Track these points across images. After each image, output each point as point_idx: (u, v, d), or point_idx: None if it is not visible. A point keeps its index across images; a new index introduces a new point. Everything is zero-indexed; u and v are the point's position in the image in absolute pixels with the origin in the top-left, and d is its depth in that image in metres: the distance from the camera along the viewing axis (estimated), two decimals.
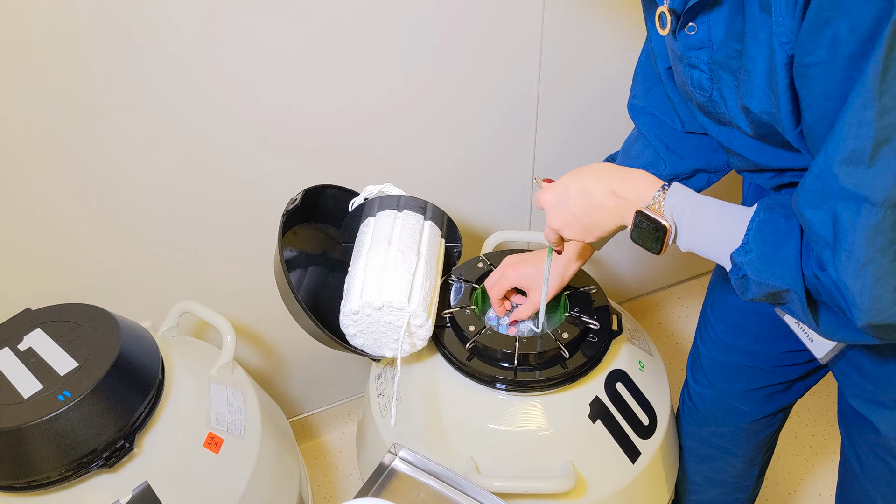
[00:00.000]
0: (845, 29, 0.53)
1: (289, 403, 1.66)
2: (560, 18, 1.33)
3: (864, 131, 0.54)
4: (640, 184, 0.77)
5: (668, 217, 0.74)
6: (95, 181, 1.13)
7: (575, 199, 0.82)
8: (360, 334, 1.01)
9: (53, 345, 1.02)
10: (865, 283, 0.59)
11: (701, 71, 0.74)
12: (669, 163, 1.00)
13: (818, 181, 0.60)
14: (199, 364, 1.16)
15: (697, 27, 0.71)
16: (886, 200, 0.55)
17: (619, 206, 0.79)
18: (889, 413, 0.87)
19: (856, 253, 0.58)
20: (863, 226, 0.57)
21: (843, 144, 0.56)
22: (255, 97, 1.16)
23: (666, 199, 0.75)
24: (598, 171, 0.81)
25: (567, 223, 0.84)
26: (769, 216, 0.68)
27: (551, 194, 0.84)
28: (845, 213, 0.58)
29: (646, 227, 0.76)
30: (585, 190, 0.81)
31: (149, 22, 1.02)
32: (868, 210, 0.56)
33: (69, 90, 1.03)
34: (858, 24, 0.52)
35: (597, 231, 0.83)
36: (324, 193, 1.16)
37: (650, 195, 0.76)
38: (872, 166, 0.55)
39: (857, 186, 0.56)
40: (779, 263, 0.67)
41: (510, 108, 1.41)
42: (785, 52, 0.61)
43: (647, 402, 1.10)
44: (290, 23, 1.11)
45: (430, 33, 1.23)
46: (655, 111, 1.01)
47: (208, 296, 1.35)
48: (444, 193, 1.46)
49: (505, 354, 1.00)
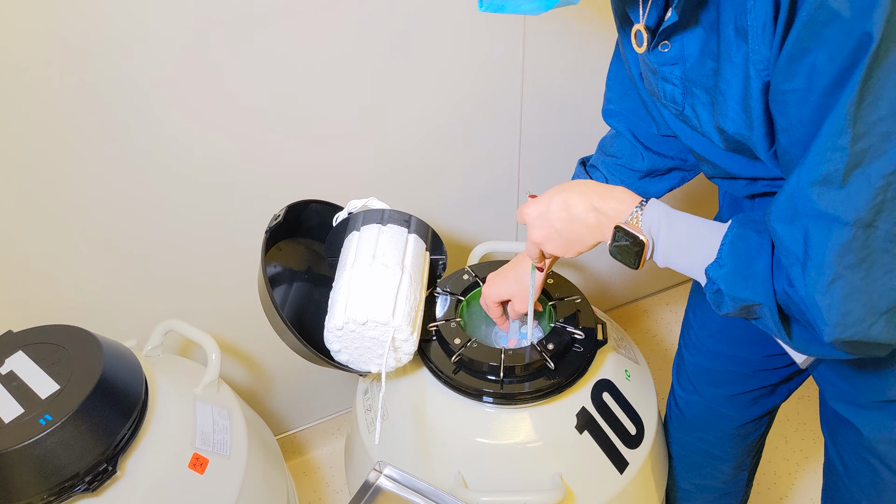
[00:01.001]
0: (823, 59, 0.54)
1: (276, 420, 1.65)
2: (539, 42, 1.34)
3: (838, 156, 0.56)
4: (619, 199, 0.78)
5: (646, 232, 0.75)
6: (77, 200, 1.13)
7: (556, 214, 0.82)
8: (344, 350, 1.01)
9: (35, 367, 1.01)
10: (834, 299, 0.60)
11: (674, 85, 0.75)
12: (647, 157, 1.02)
13: (791, 200, 0.61)
14: (184, 383, 1.15)
15: (671, 45, 0.72)
16: (857, 221, 0.57)
17: (599, 222, 0.80)
18: (870, 414, 0.88)
19: (825, 269, 0.60)
20: (834, 244, 0.58)
21: (817, 168, 0.57)
22: (237, 114, 1.16)
23: (643, 215, 0.76)
24: (580, 187, 0.82)
25: (548, 237, 0.85)
26: (742, 231, 0.69)
27: (533, 209, 0.85)
28: (817, 231, 0.59)
29: (624, 243, 0.77)
30: (567, 205, 0.82)
31: (126, 41, 1.02)
32: (839, 229, 0.58)
33: (45, 106, 1.03)
34: (837, 55, 0.53)
35: (577, 246, 0.84)
36: (308, 208, 1.16)
37: (629, 211, 0.77)
38: (844, 188, 0.57)
39: (829, 206, 0.58)
40: (751, 278, 0.68)
41: (494, 121, 1.42)
42: (761, 78, 0.62)
43: (633, 412, 1.10)
44: (275, 42, 1.12)
45: (415, 52, 1.24)
46: (630, 115, 1.02)
47: (193, 313, 1.34)
48: (429, 205, 1.46)
49: (491, 367, 1.00)
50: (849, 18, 0.52)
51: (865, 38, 0.51)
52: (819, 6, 0.53)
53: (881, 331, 0.61)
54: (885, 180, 0.55)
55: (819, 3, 0.53)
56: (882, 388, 0.84)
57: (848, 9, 0.51)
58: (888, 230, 0.58)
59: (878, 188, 0.56)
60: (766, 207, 0.86)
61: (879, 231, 0.58)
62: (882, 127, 0.54)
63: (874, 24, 0.50)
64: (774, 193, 0.83)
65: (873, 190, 0.56)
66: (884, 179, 0.55)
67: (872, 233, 0.58)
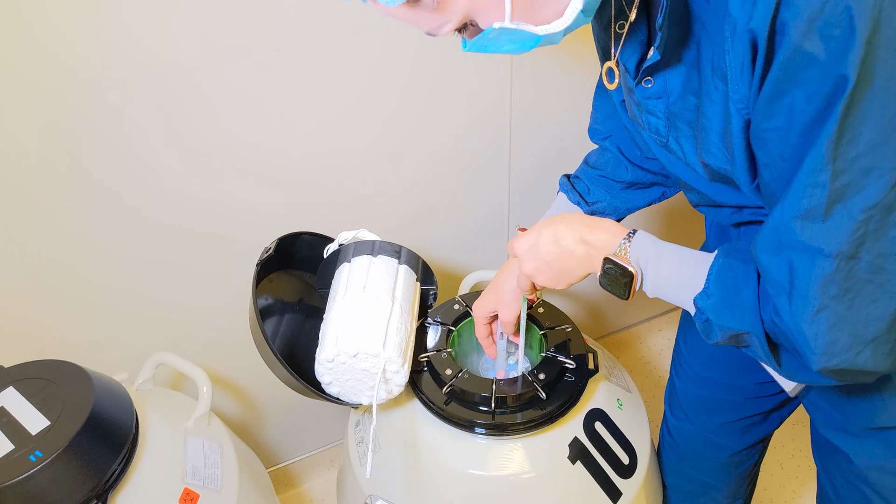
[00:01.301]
0: (801, 100, 0.56)
1: (268, 452, 1.64)
2: (526, 76, 1.37)
3: (819, 191, 0.57)
4: (607, 231, 0.79)
5: (635, 263, 0.76)
6: (66, 238, 1.13)
7: (546, 247, 0.83)
8: (335, 382, 1.01)
9: (26, 403, 1.00)
10: (820, 329, 0.61)
11: (658, 118, 0.76)
12: (630, 169, 1.03)
13: (775, 232, 0.62)
14: (174, 417, 1.14)
15: (654, 80, 0.73)
16: (840, 253, 0.58)
17: (588, 254, 0.81)
18: (860, 442, 0.88)
19: (811, 300, 0.61)
20: (817, 275, 0.60)
21: (799, 202, 0.59)
22: (227, 147, 1.17)
23: (632, 246, 0.77)
24: (569, 219, 0.83)
25: (539, 270, 0.86)
26: (728, 261, 0.70)
27: (524, 241, 0.86)
28: (801, 263, 0.60)
29: (614, 274, 0.78)
30: (556, 237, 0.83)
31: (111, 80, 1.03)
32: (822, 261, 0.59)
33: (26, 147, 1.04)
34: (814, 96, 0.55)
35: (567, 277, 0.85)
36: (299, 240, 1.16)
37: (617, 242, 0.78)
38: (826, 221, 0.58)
39: (812, 239, 0.59)
40: (738, 307, 0.68)
41: (484, 154, 1.43)
42: (741, 116, 0.63)
43: (626, 441, 1.10)
44: (268, 75, 1.13)
45: (407, 85, 1.26)
46: (616, 134, 1.04)
47: (185, 345, 1.34)
48: (420, 236, 1.47)
49: (482, 398, 1.00)
50: (824, 61, 0.53)
51: (841, 79, 0.52)
52: (795, 50, 0.54)
53: (867, 359, 0.62)
54: (866, 214, 0.57)
55: (795, 46, 0.54)
56: (872, 414, 0.84)
57: (823, 52, 0.53)
58: (871, 261, 0.59)
59: (859, 222, 0.57)
60: (752, 236, 0.87)
61: (862, 262, 0.59)
62: (861, 163, 0.55)
63: (849, 67, 0.52)
64: (760, 222, 0.84)
65: (854, 223, 0.57)
66: (864, 213, 0.57)
67: (855, 264, 0.59)
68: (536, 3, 0.63)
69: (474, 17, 0.64)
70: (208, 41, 1.06)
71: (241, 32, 1.08)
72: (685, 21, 0.65)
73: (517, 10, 0.63)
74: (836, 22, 0.51)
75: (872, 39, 0.51)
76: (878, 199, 0.56)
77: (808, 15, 0.52)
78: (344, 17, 1.13)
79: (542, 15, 0.64)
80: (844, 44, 0.51)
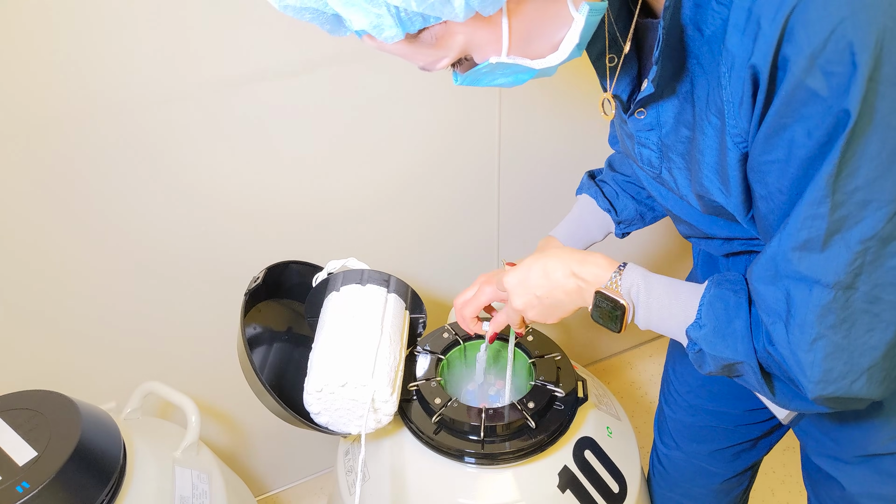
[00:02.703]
0: (802, 134, 0.56)
1: (257, 481, 1.63)
2: (515, 107, 1.38)
3: (818, 223, 0.58)
4: (597, 265, 0.79)
5: (626, 296, 0.76)
6: (52, 270, 1.13)
7: (537, 281, 0.83)
8: (324, 412, 1.01)
9: (13, 434, 1.00)
10: (817, 357, 0.62)
11: (651, 150, 0.77)
12: None
13: (773, 262, 0.63)
14: (163, 446, 1.14)
15: (647, 112, 0.74)
16: (837, 283, 0.59)
17: (578, 287, 0.81)
18: (852, 469, 0.88)
19: (808, 328, 0.61)
20: (815, 304, 0.60)
21: (798, 234, 0.59)
22: (216, 176, 1.18)
23: (622, 279, 0.77)
24: (558, 253, 0.83)
25: (530, 304, 0.85)
26: (720, 292, 0.71)
27: (513, 276, 0.86)
28: (798, 293, 0.61)
29: (605, 307, 0.78)
30: (546, 271, 0.82)
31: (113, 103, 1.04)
32: (819, 291, 0.60)
33: (12, 173, 1.04)
34: (815, 130, 0.55)
35: (558, 311, 0.85)
36: (287, 269, 1.16)
37: (608, 276, 0.78)
38: (824, 252, 0.59)
39: (810, 270, 0.60)
40: (731, 336, 0.69)
41: (473, 181, 1.44)
42: (739, 149, 0.64)
43: (616, 469, 1.10)
44: (258, 107, 1.14)
45: (397, 117, 1.27)
46: None
47: (173, 374, 1.33)
48: (409, 263, 1.48)
49: (472, 427, 1.00)
50: (826, 97, 0.53)
51: (843, 115, 0.53)
52: (797, 85, 0.54)
53: (862, 387, 0.63)
54: (863, 245, 0.57)
55: (797, 82, 0.54)
56: (864, 442, 0.84)
57: (825, 88, 0.53)
58: (867, 291, 0.59)
59: (857, 252, 0.58)
60: (741, 266, 0.88)
61: (859, 292, 0.59)
62: (859, 196, 0.56)
63: (851, 102, 0.52)
64: (750, 252, 0.85)
65: (852, 254, 0.58)
66: (862, 245, 0.57)
67: (852, 294, 0.59)
68: (533, 38, 0.64)
69: (471, 52, 0.65)
70: (196, 73, 1.07)
71: (230, 65, 1.09)
72: (680, 55, 0.65)
73: (514, 45, 0.63)
74: (838, 59, 0.52)
75: (874, 75, 0.51)
76: (875, 230, 0.57)
77: (811, 51, 0.52)
78: (335, 49, 1.15)
79: (538, 49, 0.65)
80: (846, 80, 0.52)
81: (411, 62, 0.66)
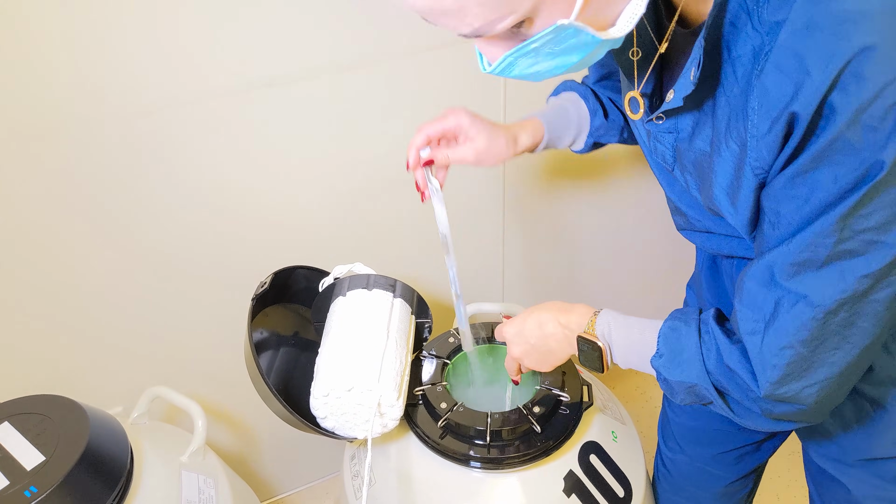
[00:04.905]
0: (828, 179, 0.57)
1: (263, 485, 1.64)
2: (518, 116, 1.38)
3: (821, 251, 0.60)
4: (578, 313, 0.87)
5: (601, 337, 0.83)
6: (59, 274, 1.14)
7: (531, 331, 0.92)
8: (330, 416, 1.01)
9: (21, 438, 1.00)
10: (780, 362, 0.66)
11: (665, 147, 0.78)
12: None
13: (770, 268, 0.65)
14: (169, 451, 1.14)
15: (665, 118, 0.75)
16: (821, 305, 0.62)
17: (565, 335, 0.88)
18: (856, 472, 0.89)
19: (783, 336, 0.65)
20: (796, 317, 0.63)
21: (800, 254, 0.62)
22: (224, 181, 1.19)
23: (597, 322, 0.84)
24: (548, 306, 0.91)
25: (526, 353, 0.94)
26: (673, 323, 0.77)
27: (511, 327, 0.95)
28: (785, 302, 0.64)
29: (587, 350, 0.85)
30: (539, 323, 0.91)
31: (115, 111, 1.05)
32: (804, 307, 0.63)
33: (13, 182, 1.05)
34: (843, 178, 0.57)
35: (551, 358, 0.93)
36: (294, 274, 1.17)
37: (586, 321, 0.85)
38: (819, 271, 0.61)
39: (801, 286, 0.62)
40: (686, 362, 0.74)
41: (478, 187, 1.45)
42: (758, 178, 0.64)
43: (621, 473, 1.10)
44: (263, 110, 1.15)
45: (404, 124, 1.27)
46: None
47: (180, 378, 1.34)
48: (415, 268, 1.48)
49: (478, 431, 1.00)
50: (860, 148, 0.54)
51: (876, 166, 0.54)
52: (836, 137, 0.55)
53: (810, 395, 0.67)
54: (858, 281, 0.60)
55: (838, 133, 0.55)
56: (866, 446, 0.86)
57: (862, 141, 0.54)
58: (846, 317, 0.62)
59: (851, 284, 0.60)
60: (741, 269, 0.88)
61: (839, 317, 0.62)
62: (867, 236, 0.58)
63: (889, 155, 0.54)
64: (750, 258, 0.86)
65: (845, 284, 0.60)
66: (856, 280, 0.60)
67: (832, 318, 0.62)
68: (602, 5, 0.59)
69: (538, 13, 0.58)
70: (201, 77, 1.08)
71: (234, 69, 1.10)
72: (714, 76, 0.65)
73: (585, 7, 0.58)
74: (883, 115, 0.53)
75: None
76: (874, 269, 0.59)
77: (858, 105, 0.53)
78: (343, 55, 1.15)
79: (602, 18, 0.60)
80: (885, 136, 0.53)
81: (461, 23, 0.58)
